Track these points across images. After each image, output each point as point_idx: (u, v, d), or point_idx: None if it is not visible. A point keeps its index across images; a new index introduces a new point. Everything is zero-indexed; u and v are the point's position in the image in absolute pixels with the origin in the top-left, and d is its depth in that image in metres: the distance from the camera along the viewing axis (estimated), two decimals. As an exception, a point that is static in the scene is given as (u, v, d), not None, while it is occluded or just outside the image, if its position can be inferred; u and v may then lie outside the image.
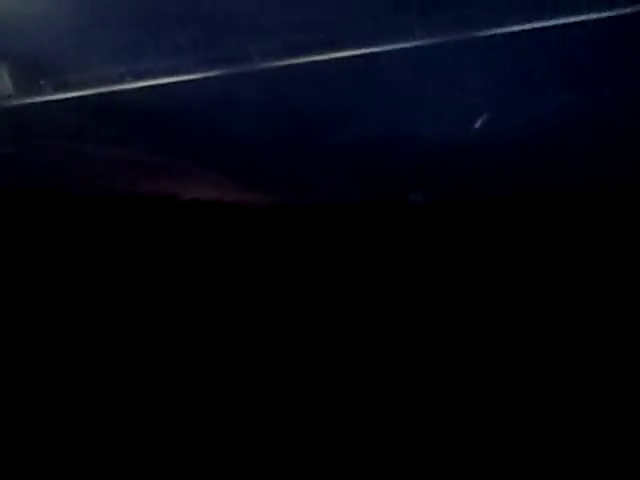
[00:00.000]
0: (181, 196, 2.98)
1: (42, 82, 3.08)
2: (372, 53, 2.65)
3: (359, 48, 2.67)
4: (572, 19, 2.30)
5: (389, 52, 2.64)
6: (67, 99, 3.06)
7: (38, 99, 3.11)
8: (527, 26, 2.47)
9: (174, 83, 2.84)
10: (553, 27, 2.38)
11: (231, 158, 2.89)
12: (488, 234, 2.62)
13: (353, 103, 2.74)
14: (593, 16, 2.31)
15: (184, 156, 2.97)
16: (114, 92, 2.97)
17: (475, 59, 2.62)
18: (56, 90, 3.08)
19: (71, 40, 2.95)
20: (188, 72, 2.82)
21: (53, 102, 3.09)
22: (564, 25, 2.34)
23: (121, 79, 2.93)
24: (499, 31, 2.50)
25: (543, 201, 2.62)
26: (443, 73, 2.67)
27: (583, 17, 2.27)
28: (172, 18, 2.79)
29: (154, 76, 2.88)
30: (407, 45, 2.62)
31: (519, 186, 2.57)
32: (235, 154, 2.87)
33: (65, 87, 3.06)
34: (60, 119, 3.14)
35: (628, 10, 2.35)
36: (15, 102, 3.12)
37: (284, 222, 2.83)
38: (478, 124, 2.53)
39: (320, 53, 2.70)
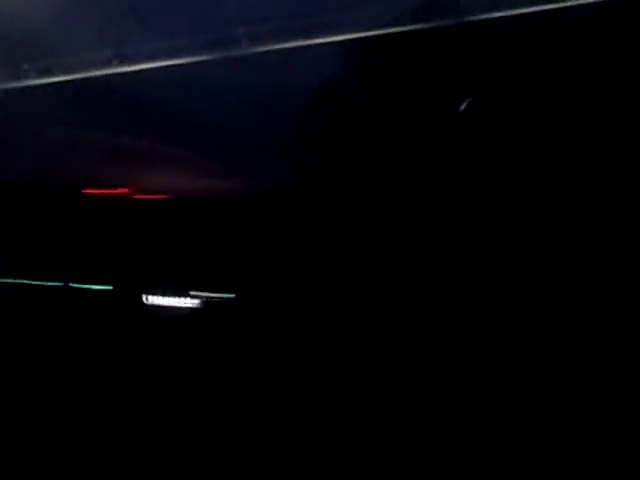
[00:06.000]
0: (168, 182, 2.95)
1: (26, 66, 3.03)
2: (362, 38, 2.63)
3: (348, 33, 2.66)
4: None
5: (378, 37, 2.63)
6: (51, 84, 3.01)
7: (21, 84, 3.05)
8: (516, 12, 2.47)
9: (162, 67, 2.81)
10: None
11: (218, 143, 2.86)
12: (472, 220, 2.62)
13: (342, 88, 2.73)
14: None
15: (170, 141, 2.94)
16: (100, 77, 2.92)
17: (462, 44, 2.63)
18: (40, 75, 3.03)
19: (56, 23, 2.91)
20: (176, 56, 2.79)
21: (37, 87, 3.03)
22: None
23: (107, 63, 2.88)
24: (489, 16, 2.50)
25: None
26: (428, 58, 2.67)
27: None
28: (160, 1, 2.77)
29: (141, 60, 2.84)
30: (395, 30, 2.62)
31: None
32: (222, 139, 2.84)
33: (49, 72, 3.00)
34: (44, 104, 3.08)
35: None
36: (-2, 87, 3.06)
37: (274, 208, 2.80)
38: (463, 107, 2.53)
39: (310, 38, 2.68)
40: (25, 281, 3.25)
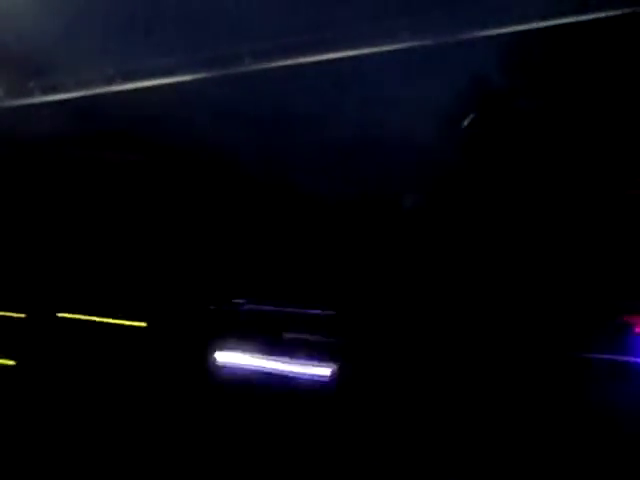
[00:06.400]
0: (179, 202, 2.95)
1: (31, 84, 3.07)
2: (358, 55, 2.68)
3: (347, 50, 2.70)
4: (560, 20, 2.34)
5: (375, 54, 2.67)
6: (56, 101, 3.05)
7: (27, 101, 3.09)
8: (511, 29, 2.52)
9: (164, 85, 2.85)
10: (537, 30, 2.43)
11: (219, 157, 2.89)
12: (479, 232, 2.63)
13: (340, 103, 2.77)
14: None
15: (174, 155, 2.97)
16: (103, 94, 2.96)
17: (457, 62, 2.68)
18: (45, 93, 3.07)
19: (60, 43, 2.96)
20: (178, 74, 2.83)
21: (42, 104, 3.07)
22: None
23: (110, 81, 2.93)
24: (483, 34, 2.55)
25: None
26: (426, 75, 2.72)
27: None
28: (162, 20, 2.82)
29: (144, 78, 2.88)
30: (392, 48, 2.66)
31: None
32: (224, 153, 2.87)
33: (54, 89, 3.05)
34: (49, 121, 3.12)
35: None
36: (4, 104, 3.10)
37: (270, 220, 2.82)
38: (466, 123, 2.57)
39: (309, 55, 2.73)
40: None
